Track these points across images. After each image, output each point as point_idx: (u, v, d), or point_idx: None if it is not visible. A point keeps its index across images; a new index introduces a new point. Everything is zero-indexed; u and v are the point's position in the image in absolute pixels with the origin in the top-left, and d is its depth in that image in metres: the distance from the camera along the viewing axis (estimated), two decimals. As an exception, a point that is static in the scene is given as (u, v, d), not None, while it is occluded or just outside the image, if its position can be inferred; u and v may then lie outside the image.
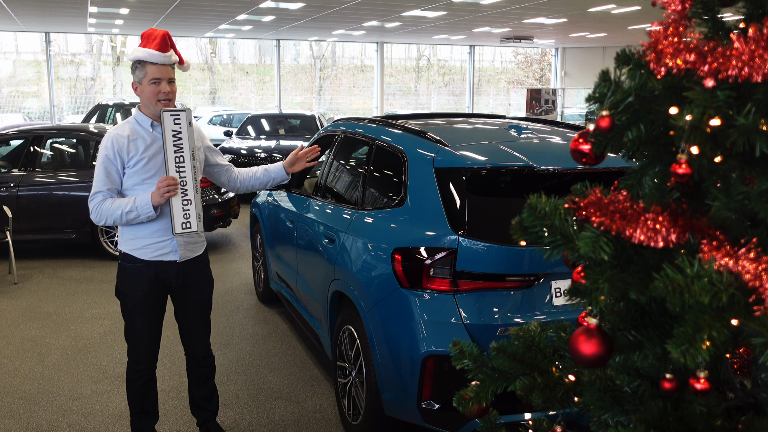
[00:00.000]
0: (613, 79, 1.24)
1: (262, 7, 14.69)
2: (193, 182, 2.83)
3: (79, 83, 27.10)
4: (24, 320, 5.31)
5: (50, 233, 7.21)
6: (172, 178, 2.78)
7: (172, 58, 2.85)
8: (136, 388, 3.05)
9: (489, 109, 31.27)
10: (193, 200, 2.83)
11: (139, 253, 2.91)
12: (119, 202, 2.84)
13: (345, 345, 3.49)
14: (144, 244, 2.90)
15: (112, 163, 2.86)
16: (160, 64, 2.81)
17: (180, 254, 2.95)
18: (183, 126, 2.79)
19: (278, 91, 24.30)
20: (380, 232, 3.24)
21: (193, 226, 2.83)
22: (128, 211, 2.81)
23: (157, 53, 2.80)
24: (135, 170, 2.87)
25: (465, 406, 1.54)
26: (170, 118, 2.78)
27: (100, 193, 2.87)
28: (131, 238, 2.92)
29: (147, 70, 2.81)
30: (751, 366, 1.36)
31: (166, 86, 2.83)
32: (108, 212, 2.84)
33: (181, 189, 2.80)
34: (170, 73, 2.85)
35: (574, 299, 1.29)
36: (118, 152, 2.85)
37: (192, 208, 2.83)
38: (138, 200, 2.81)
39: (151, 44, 2.81)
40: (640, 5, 14.28)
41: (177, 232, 2.82)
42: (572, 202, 1.30)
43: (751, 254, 1.04)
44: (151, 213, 2.81)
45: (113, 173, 2.87)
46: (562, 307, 2.90)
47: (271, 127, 12.53)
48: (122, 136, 2.86)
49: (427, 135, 3.36)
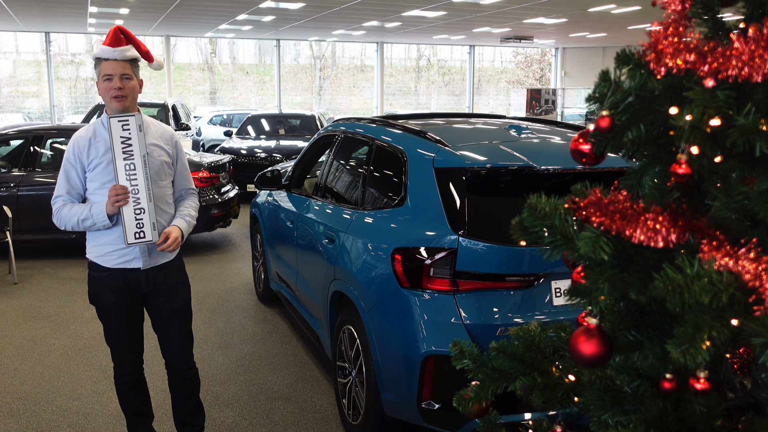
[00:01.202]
0: (613, 79, 1.24)
1: (262, 7, 14.69)
2: (146, 190, 2.69)
3: (79, 83, 27.11)
4: (24, 320, 5.31)
5: (50, 233, 7.21)
6: (122, 187, 2.66)
7: (126, 53, 2.72)
8: (125, 392, 3.01)
9: (489, 109, 31.27)
10: (147, 209, 2.70)
11: (103, 261, 2.82)
12: (77, 209, 2.77)
13: (345, 345, 3.49)
14: (106, 251, 2.81)
15: (72, 166, 2.80)
16: (111, 59, 2.69)
17: (143, 261, 2.82)
18: (133, 132, 2.66)
19: (278, 91, 24.30)
20: (380, 232, 3.24)
21: (148, 235, 2.71)
22: (84, 218, 2.74)
23: (107, 48, 2.70)
24: (95, 173, 2.77)
25: (465, 406, 1.54)
26: (118, 124, 2.65)
27: (60, 197, 2.82)
28: (94, 245, 2.84)
29: (101, 67, 2.72)
30: (751, 366, 1.36)
31: (118, 82, 2.69)
32: (66, 218, 2.78)
33: (133, 197, 2.68)
34: (125, 68, 2.70)
35: (574, 299, 1.29)
36: (78, 155, 2.78)
37: (146, 217, 2.70)
38: (94, 208, 2.73)
39: (105, 40, 2.73)
40: (640, 5, 14.28)
41: (130, 242, 2.70)
42: (572, 202, 1.30)
43: (751, 254, 1.04)
44: (107, 222, 2.72)
45: (73, 176, 2.80)
46: (562, 307, 2.90)
47: (271, 127, 12.53)
48: (84, 139, 2.78)
49: (427, 135, 3.36)
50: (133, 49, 2.77)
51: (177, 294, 2.96)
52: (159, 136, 2.89)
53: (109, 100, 2.72)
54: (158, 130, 2.91)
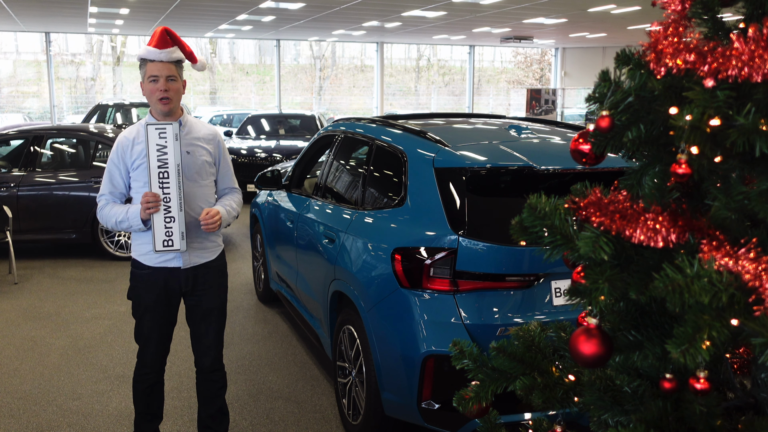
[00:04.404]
0: (613, 79, 1.24)
1: (262, 7, 14.69)
2: (177, 199, 2.71)
3: (79, 83, 27.11)
4: (24, 320, 5.31)
5: (50, 233, 7.21)
6: (154, 194, 2.69)
7: (172, 55, 2.75)
8: (141, 390, 3.03)
9: (489, 109, 31.27)
10: (177, 218, 2.72)
11: (145, 259, 2.89)
12: (116, 210, 2.83)
13: (345, 345, 3.49)
14: (147, 250, 2.86)
15: (115, 166, 2.86)
16: (157, 61, 2.73)
17: (183, 260, 2.87)
18: (169, 140, 2.67)
19: (278, 91, 24.30)
20: (380, 232, 3.24)
21: (176, 244, 2.73)
22: (120, 220, 2.81)
23: (154, 50, 2.73)
24: (138, 173, 2.83)
25: (465, 406, 1.54)
26: (155, 131, 2.67)
27: (103, 196, 2.89)
28: (138, 243, 2.91)
29: (147, 68, 2.76)
30: (751, 366, 1.36)
31: (163, 84, 2.73)
32: (106, 217, 2.86)
33: (164, 206, 2.71)
34: (170, 70, 2.75)
35: (574, 299, 1.29)
36: (121, 156, 2.84)
37: (175, 226, 2.72)
38: (130, 211, 2.78)
39: (151, 41, 2.76)
40: (640, 5, 14.28)
41: (157, 249, 2.74)
42: (572, 202, 1.30)
43: (751, 254, 1.04)
44: (141, 225, 2.78)
45: (117, 176, 2.86)
46: (562, 307, 2.90)
47: (271, 127, 12.53)
48: (127, 139, 2.84)
49: (427, 135, 3.36)
50: (178, 51, 2.79)
51: (214, 295, 2.99)
52: (202, 135, 2.93)
53: (155, 102, 2.77)
54: (201, 129, 2.96)
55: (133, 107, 13.58)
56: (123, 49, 28.30)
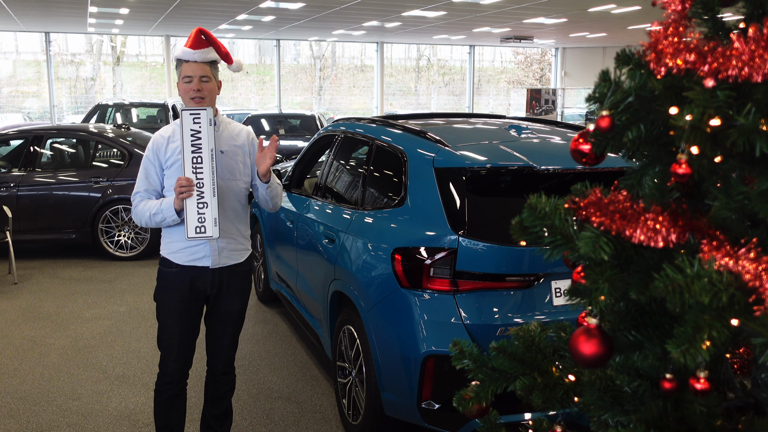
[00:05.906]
0: (613, 79, 1.24)
1: (262, 7, 14.69)
2: (211, 185, 2.68)
3: (79, 83, 27.09)
4: (24, 320, 5.31)
5: (50, 233, 7.21)
6: (187, 179, 2.66)
7: (206, 55, 2.76)
8: (161, 400, 2.95)
9: (489, 109, 31.26)
10: (210, 204, 2.68)
11: (174, 257, 2.85)
12: (150, 204, 2.80)
13: (345, 345, 3.49)
14: (178, 248, 2.83)
15: (151, 164, 2.84)
16: (192, 61, 2.73)
17: (212, 260, 2.82)
18: (203, 125, 2.65)
19: (278, 91, 24.30)
20: (380, 232, 3.24)
21: (209, 231, 2.68)
22: (154, 213, 2.77)
23: (189, 50, 2.73)
24: (172, 171, 2.81)
25: (465, 406, 1.54)
26: (189, 116, 2.65)
27: (138, 194, 2.86)
28: (168, 241, 2.88)
29: (182, 68, 2.76)
30: (751, 366, 1.36)
31: (197, 83, 2.73)
32: (141, 213, 2.82)
33: (197, 191, 2.67)
34: (204, 70, 2.74)
35: (574, 299, 1.29)
36: (156, 152, 2.82)
37: (208, 212, 2.67)
38: (164, 203, 2.76)
39: (187, 42, 2.76)
40: (640, 5, 14.28)
41: (190, 236, 2.68)
42: (572, 202, 1.30)
43: (751, 254, 1.04)
44: (175, 216, 2.74)
45: (152, 174, 2.84)
46: (562, 307, 2.90)
47: (271, 127, 12.54)
48: (163, 137, 2.84)
49: (427, 135, 3.36)
50: (213, 52, 2.80)
51: (236, 299, 2.96)
52: (236, 134, 2.94)
53: (188, 101, 2.77)
54: (234, 129, 2.96)
55: (134, 107, 13.58)
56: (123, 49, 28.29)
